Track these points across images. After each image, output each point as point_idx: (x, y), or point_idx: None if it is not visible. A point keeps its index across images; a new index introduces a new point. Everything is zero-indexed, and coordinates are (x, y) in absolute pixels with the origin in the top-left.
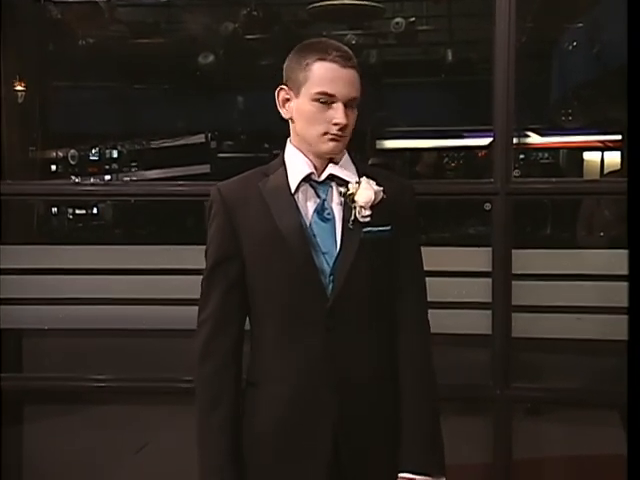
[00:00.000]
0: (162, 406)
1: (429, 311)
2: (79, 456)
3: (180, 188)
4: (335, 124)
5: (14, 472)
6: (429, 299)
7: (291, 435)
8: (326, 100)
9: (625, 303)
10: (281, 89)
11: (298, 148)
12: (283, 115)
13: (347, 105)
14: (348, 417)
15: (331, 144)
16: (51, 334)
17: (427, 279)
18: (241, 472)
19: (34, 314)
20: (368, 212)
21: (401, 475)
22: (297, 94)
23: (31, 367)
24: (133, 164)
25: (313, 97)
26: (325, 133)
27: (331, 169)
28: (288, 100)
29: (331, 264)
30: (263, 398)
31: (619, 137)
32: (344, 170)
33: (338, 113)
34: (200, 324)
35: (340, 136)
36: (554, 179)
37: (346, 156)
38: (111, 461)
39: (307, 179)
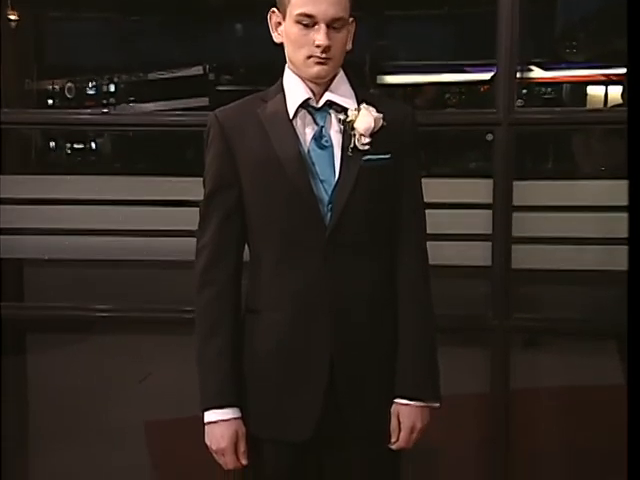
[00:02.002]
0: (164, 336)
1: (430, 243)
2: (82, 385)
3: (179, 118)
4: (317, 46)
5: (18, 401)
6: (430, 231)
7: (288, 360)
8: (308, 22)
9: (625, 233)
10: (272, 12)
11: (295, 73)
12: (275, 39)
13: (331, 26)
14: (344, 344)
15: (317, 67)
16: (52, 264)
17: (428, 211)
18: (241, 397)
19: (34, 244)
20: (367, 140)
21: (396, 400)
22: (284, 17)
23: (32, 297)
24: (131, 98)
25: (295, 19)
26: (309, 56)
27: (329, 95)
28: (280, 24)
29: (329, 192)
30: (262, 325)
31: (624, 70)
32: (342, 96)
33: (319, 34)
34: (198, 251)
35: (325, 59)
36: (558, 108)
37: (345, 82)
38: (114, 390)
39: (305, 105)
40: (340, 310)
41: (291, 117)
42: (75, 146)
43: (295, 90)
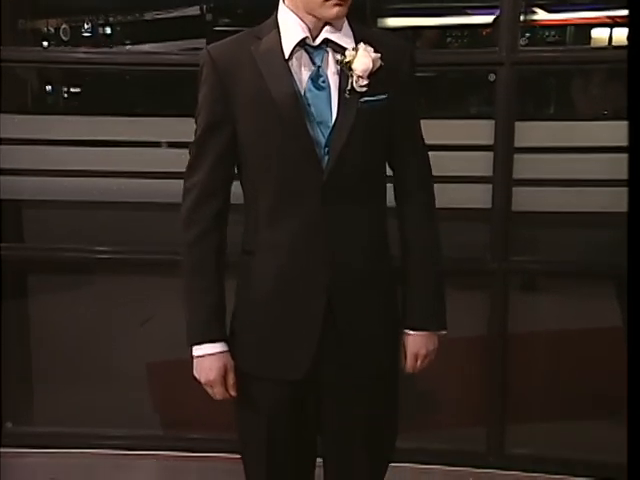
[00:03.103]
0: (165, 278)
1: None
2: (84, 327)
3: (176, 57)
4: None
5: (20, 341)
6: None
7: (285, 301)
8: None
9: (625, 175)
10: None
11: (292, 10)
12: None
13: None
14: (342, 284)
15: (335, 9)
16: (52, 206)
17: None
18: (239, 336)
19: (33, 185)
20: (365, 81)
21: (405, 331)
22: None
23: (32, 239)
24: (127, 42)
25: None
26: None
27: (326, 34)
28: None
29: (326, 135)
30: (258, 266)
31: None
32: (340, 35)
33: None
34: (187, 190)
35: (344, 0)
36: (561, 47)
37: (343, 20)
38: (116, 333)
39: (301, 44)
40: (337, 251)
41: (287, 57)
42: (72, 90)
43: (291, 28)
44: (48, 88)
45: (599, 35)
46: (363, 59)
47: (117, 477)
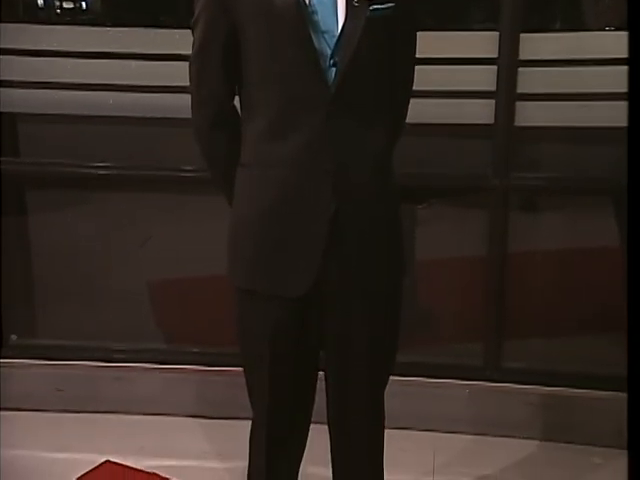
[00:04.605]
0: (164, 196)
1: (431, 100)
2: (85, 243)
3: None
4: None
5: (21, 256)
6: (431, 88)
7: (286, 217)
8: None
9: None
10: None
11: None
12: None
13: None
14: (345, 201)
15: None
16: (47, 120)
17: (430, 67)
18: (236, 253)
19: (28, 98)
20: None
21: None
22: None
23: (28, 154)
24: None
25: None
26: None
27: None
28: None
29: (332, 46)
30: (259, 181)
31: None
32: None
33: None
34: (200, 104)
35: None
36: None
37: None
38: (117, 250)
39: None
40: (342, 168)
41: None
42: (65, 5)
43: None
44: (40, 2)
45: None
46: None
47: (119, 389)
